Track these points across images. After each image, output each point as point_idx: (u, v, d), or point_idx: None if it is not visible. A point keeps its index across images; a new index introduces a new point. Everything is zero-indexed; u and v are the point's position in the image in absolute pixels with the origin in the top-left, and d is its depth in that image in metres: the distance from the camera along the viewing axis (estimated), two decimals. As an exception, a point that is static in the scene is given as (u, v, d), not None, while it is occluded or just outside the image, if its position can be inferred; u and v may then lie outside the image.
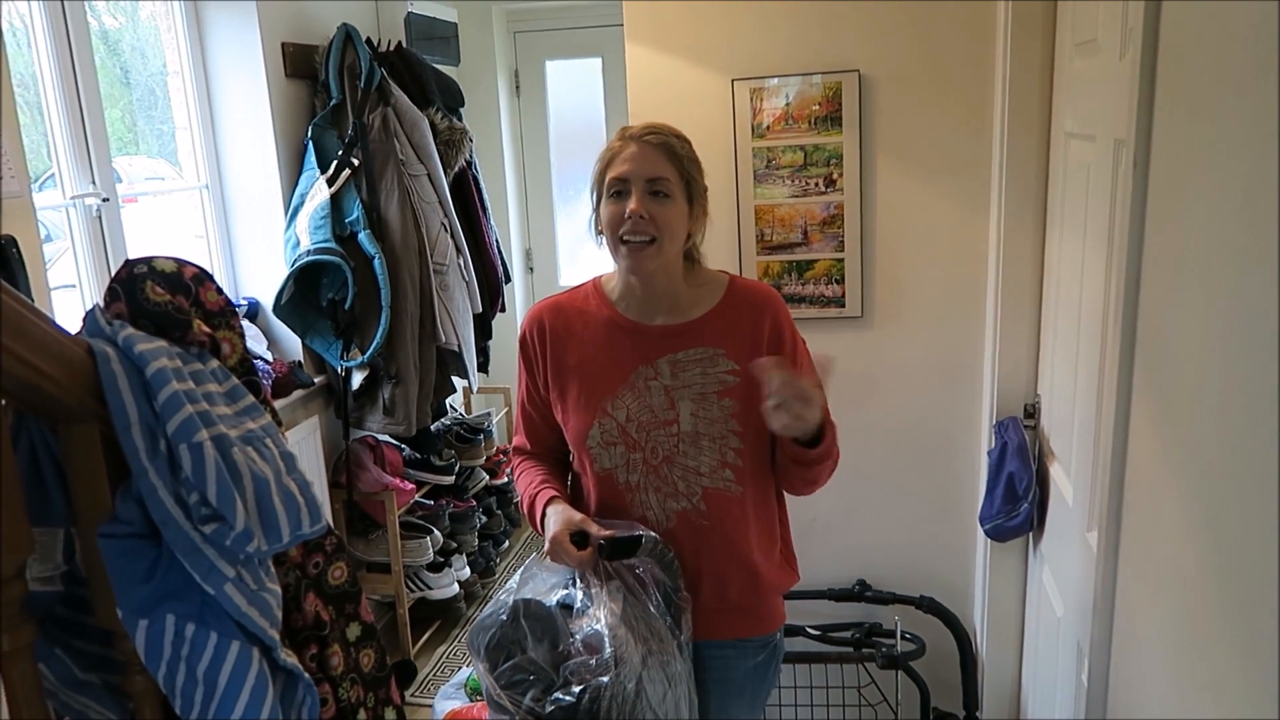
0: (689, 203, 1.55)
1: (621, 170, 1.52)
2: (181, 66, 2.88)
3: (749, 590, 1.63)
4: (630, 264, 1.54)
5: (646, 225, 1.50)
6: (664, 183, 1.51)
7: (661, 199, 1.51)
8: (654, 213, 1.50)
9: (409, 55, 3.21)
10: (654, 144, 1.51)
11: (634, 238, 1.51)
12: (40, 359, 0.91)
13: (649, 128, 1.54)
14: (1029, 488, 2.03)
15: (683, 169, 1.53)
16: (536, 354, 1.67)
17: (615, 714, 1.44)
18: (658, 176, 1.51)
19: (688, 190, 1.54)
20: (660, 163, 1.51)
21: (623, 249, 1.53)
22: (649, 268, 1.54)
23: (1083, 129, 1.77)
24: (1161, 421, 1.21)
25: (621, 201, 1.51)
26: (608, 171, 1.54)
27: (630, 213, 1.49)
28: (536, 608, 1.55)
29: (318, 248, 2.77)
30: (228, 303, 1.14)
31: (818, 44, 2.27)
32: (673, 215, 1.52)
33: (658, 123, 1.57)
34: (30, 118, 2.34)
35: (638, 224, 1.50)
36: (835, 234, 2.34)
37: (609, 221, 1.53)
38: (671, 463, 1.57)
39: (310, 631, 1.20)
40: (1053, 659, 1.92)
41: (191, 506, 0.98)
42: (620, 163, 1.52)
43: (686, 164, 1.54)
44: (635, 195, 1.50)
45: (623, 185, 1.51)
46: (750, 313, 1.58)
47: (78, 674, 1.09)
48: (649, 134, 1.53)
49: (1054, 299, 2.02)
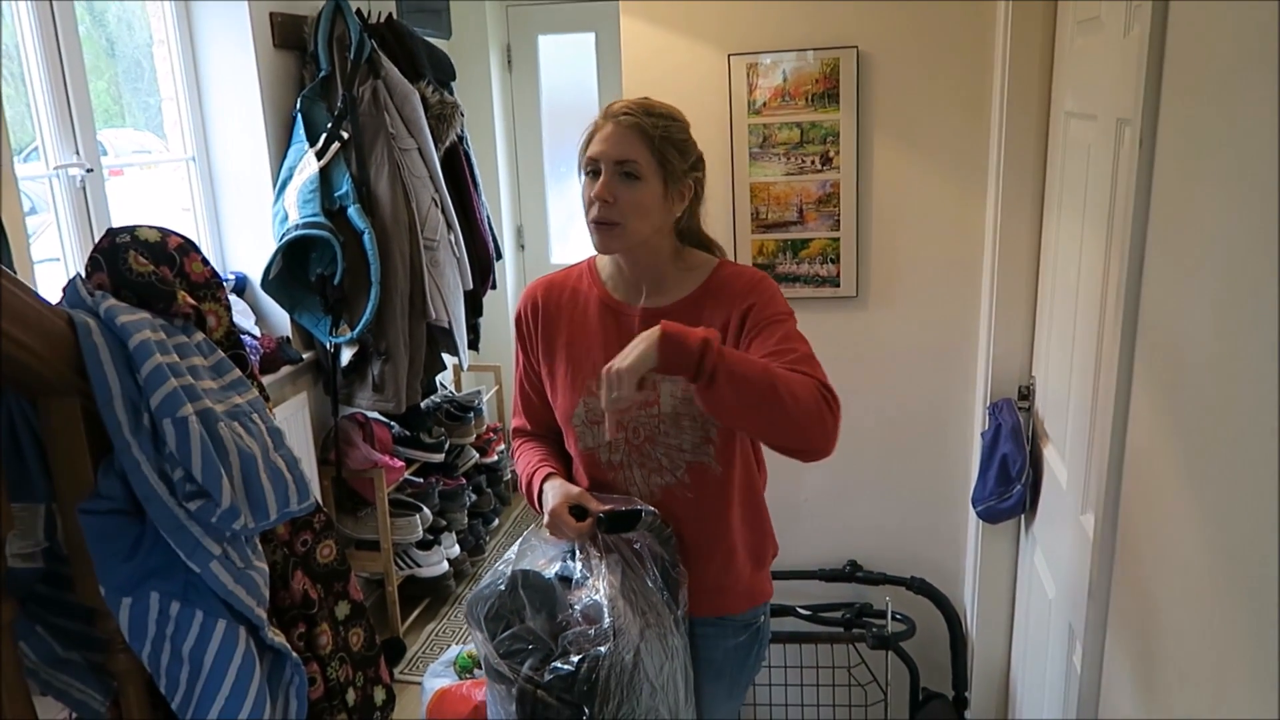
0: (664, 183, 1.51)
1: (595, 150, 1.50)
2: (167, 36, 2.83)
3: (729, 566, 1.62)
4: (597, 243, 1.53)
5: (609, 209, 1.48)
6: (633, 164, 1.48)
7: (630, 180, 1.48)
8: (620, 195, 1.48)
9: (400, 27, 3.16)
10: (626, 125, 1.48)
11: (600, 219, 1.49)
12: (19, 330, 0.89)
13: (627, 106, 1.51)
14: (1022, 470, 2.02)
15: (655, 149, 1.49)
16: (529, 331, 1.66)
17: (614, 683, 1.44)
18: (626, 158, 1.48)
19: (663, 172, 1.50)
20: (631, 144, 1.48)
21: (592, 227, 1.52)
22: (614, 248, 1.53)
23: (1084, 108, 1.75)
24: (1162, 405, 1.20)
25: (594, 182, 1.50)
26: (587, 149, 1.53)
27: (595, 194, 1.48)
28: (535, 579, 1.55)
29: (306, 222, 2.73)
30: (213, 274, 1.11)
31: (815, 19, 2.24)
32: (641, 197, 1.49)
33: (642, 100, 1.53)
34: (14, 88, 2.30)
35: (602, 207, 1.48)
36: (831, 213, 2.32)
37: (584, 200, 1.53)
38: (653, 442, 1.57)
39: (298, 610, 1.18)
40: (1043, 641, 1.92)
41: (176, 483, 0.96)
42: (596, 142, 1.51)
43: (660, 144, 1.49)
44: (603, 177, 1.49)
45: (595, 165, 1.50)
46: (724, 304, 1.54)
47: (59, 652, 1.08)
48: (625, 113, 1.49)
49: (1050, 280, 2.00)
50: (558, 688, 1.44)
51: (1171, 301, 1.17)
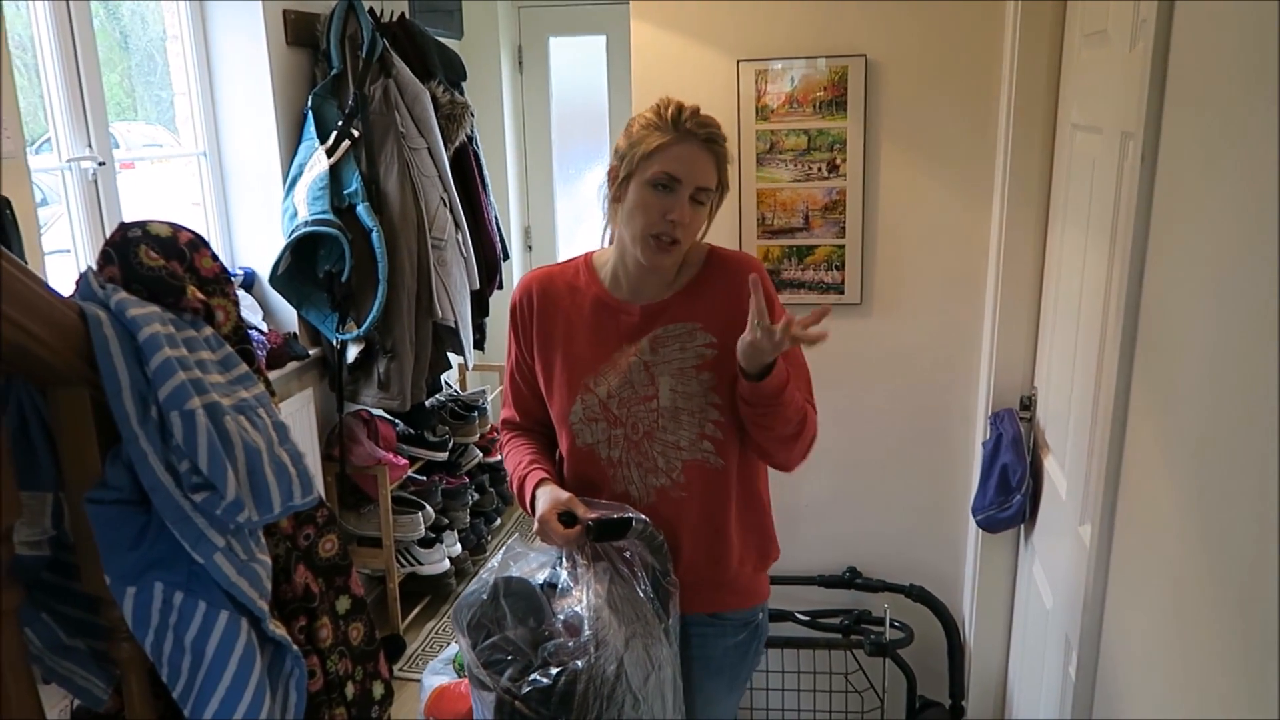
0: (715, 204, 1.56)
1: (675, 169, 1.47)
2: (181, 31, 2.85)
3: (727, 564, 1.63)
4: (655, 260, 1.52)
5: (681, 230, 1.49)
6: (707, 194, 1.51)
7: (698, 206, 1.51)
8: (689, 218, 1.50)
9: (411, 26, 3.18)
10: (711, 151, 1.50)
11: (666, 237, 1.50)
12: (30, 320, 0.90)
13: (709, 131, 1.49)
14: (1022, 480, 2.03)
15: (722, 178, 1.53)
16: (525, 322, 1.67)
17: (592, 696, 1.43)
18: (707, 187, 1.50)
19: (719, 194, 1.55)
20: (711, 173, 1.50)
21: (650, 242, 1.50)
22: (667, 265, 1.55)
23: (1089, 121, 1.76)
24: (1159, 417, 1.21)
25: (663, 197, 1.48)
26: (655, 159, 1.48)
27: (674, 217, 1.48)
28: (518, 586, 1.54)
29: (315, 219, 2.75)
30: (222, 269, 1.13)
31: (825, 27, 2.25)
32: (701, 220, 1.54)
33: (710, 118, 1.52)
34: (28, 80, 2.32)
35: (674, 228, 1.49)
36: (837, 220, 2.33)
37: (643, 210, 1.49)
38: (652, 438, 1.58)
39: (299, 603, 1.19)
40: (1040, 650, 1.92)
41: (182, 474, 0.97)
42: (674, 160, 1.47)
43: (725, 173, 1.53)
44: (683, 201, 1.48)
45: (671, 183, 1.48)
46: (728, 280, 1.57)
47: (63, 639, 1.09)
48: (711, 140, 1.49)
49: (1054, 291, 2.01)
50: (535, 699, 1.44)
51: (1171, 315, 1.18)
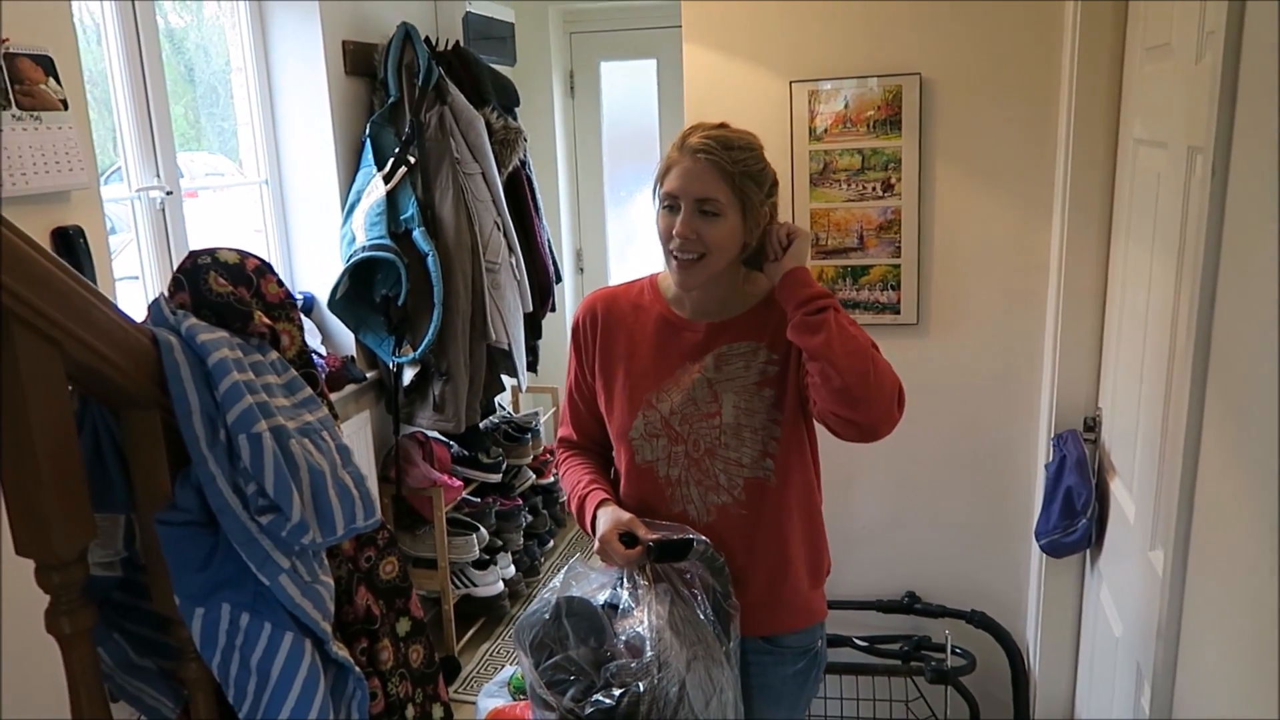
0: (743, 216, 1.52)
1: (673, 186, 1.51)
2: (245, 64, 2.93)
3: (785, 581, 1.62)
4: (679, 279, 1.55)
5: (693, 244, 1.50)
6: (713, 203, 1.49)
7: (710, 218, 1.49)
8: (701, 231, 1.49)
9: (466, 54, 3.23)
10: (704, 162, 1.48)
11: (681, 255, 1.51)
12: (106, 345, 0.93)
13: (705, 142, 1.49)
14: (1088, 503, 1.98)
15: (734, 185, 1.49)
16: (587, 341, 1.68)
17: (655, 718, 1.43)
18: (706, 197, 1.49)
19: (742, 206, 1.51)
20: (710, 182, 1.48)
21: (671, 261, 1.54)
22: (695, 282, 1.55)
23: (1153, 136, 1.72)
24: (1235, 440, 1.17)
25: (671, 216, 1.51)
26: (664, 181, 1.53)
27: (677, 232, 1.50)
28: (580, 606, 1.55)
29: (373, 244, 2.80)
30: (288, 295, 1.15)
31: (878, 46, 2.24)
32: (721, 232, 1.50)
33: (720, 132, 1.52)
34: (99, 113, 2.40)
35: (684, 243, 1.50)
36: (892, 239, 2.30)
37: (661, 232, 1.55)
38: (713, 455, 1.57)
39: (361, 625, 1.20)
40: (1109, 680, 1.87)
41: (249, 496, 0.99)
42: (673, 177, 1.51)
43: (739, 180, 1.49)
44: (683, 214, 1.50)
45: (674, 201, 1.51)
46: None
47: (134, 658, 1.11)
48: (701, 151, 1.48)
49: (1118, 309, 1.96)
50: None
51: (1245, 333, 1.14)
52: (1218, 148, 1.22)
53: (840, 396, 1.43)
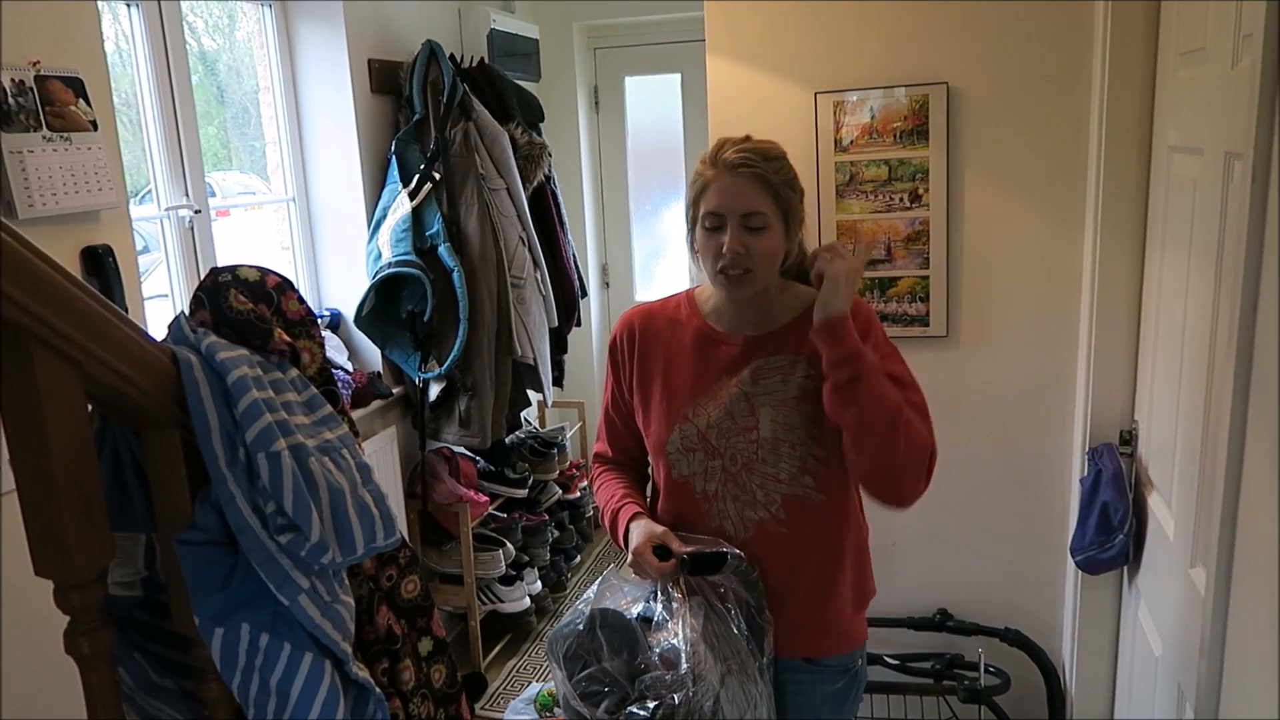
0: (786, 225, 1.51)
1: (715, 204, 1.48)
2: (272, 83, 2.96)
3: (828, 604, 1.58)
4: (730, 294, 1.53)
5: (744, 259, 1.48)
6: (759, 216, 1.47)
7: (757, 231, 1.48)
8: (750, 245, 1.48)
9: (491, 71, 3.24)
10: (746, 176, 1.47)
11: (733, 270, 1.49)
12: (125, 364, 0.92)
13: (742, 155, 1.48)
14: (1125, 519, 1.93)
15: (778, 196, 1.48)
16: (624, 358, 1.67)
17: None
18: (753, 211, 1.47)
19: (784, 215, 1.50)
20: (755, 196, 1.47)
21: (720, 278, 1.52)
22: (747, 295, 1.53)
23: (1188, 142, 1.69)
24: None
25: (717, 235, 1.49)
26: (701, 201, 1.51)
27: (728, 249, 1.47)
28: (614, 618, 1.53)
29: (399, 260, 2.81)
30: (308, 312, 1.14)
31: (903, 57, 2.22)
32: (769, 245, 1.49)
33: (749, 143, 1.51)
34: (131, 134, 2.43)
35: (735, 259, 1.48)
36: (920, 250, 2.27)
37: (706, 252, 1.52)
38: (750, 470, 1.55)
39: (382, 645, 1.19)
40: (1149, 701, 1.82)
41: (268, 515, 0.98)
42: (713, 195, 1.49)
43: (781, 190, 1.49)
44: (731, 231, 1.47)
45: (718, 220, 1.49)
46: None
47: (154, 678, 1.10)
48: (742, 165, 1.47)
49: (1154, 320, 1.92)
50: None
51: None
52: (1258, 153, 1.19)
53: (867, 476, 1.50)
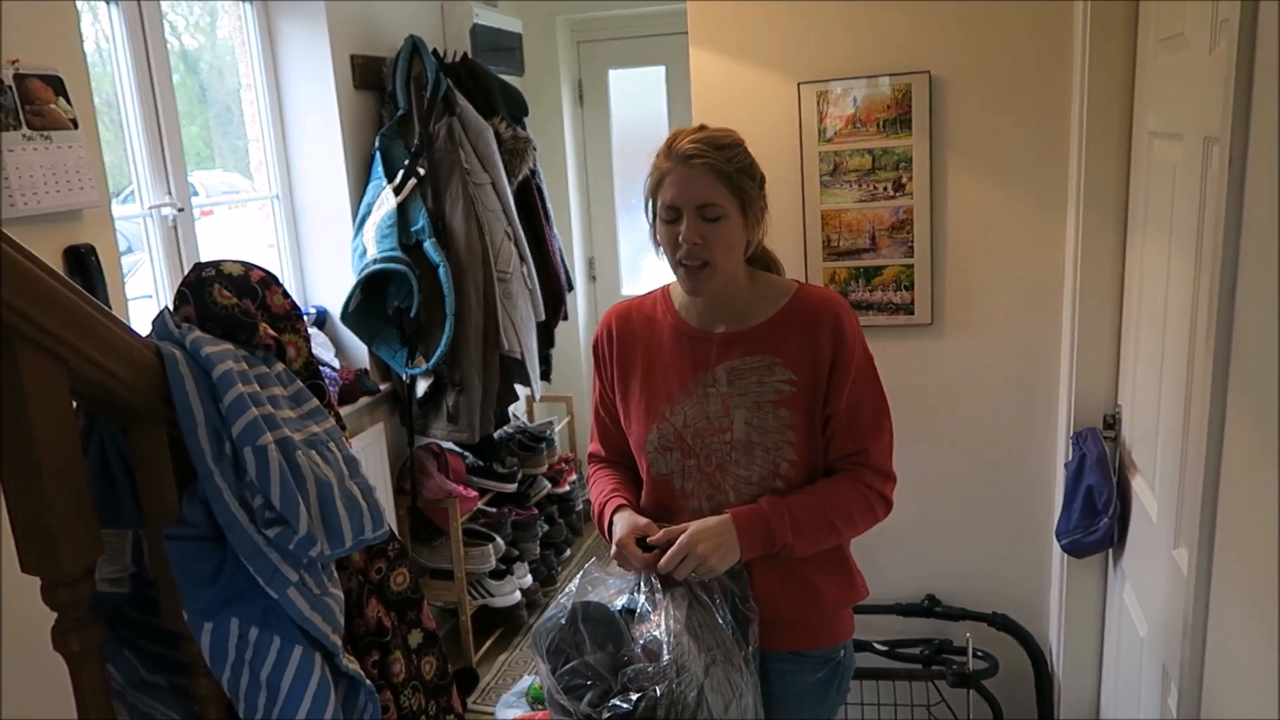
0: (744, 214, 1.51)
1: (671, 196, 1.49)
2: (254, 79, 2.95)
3: (803, 603, 1.59)
4: (689, 286, 1.54)
5: (700, 250, 1.49)
6: (715, 207, 1.48)
7: (714, 222, 1.48)
8: (707, 235, 1.48)
9: (474, 66, 3.23)
10: (700, 167, 1.47)
11: (690, 262, 1.50)
12: (110, 360, 0.92)
13: (695, 146, 1.48)
14: (1109, 502, 1.95)
15: (733, 185, 1.48)
16: (605, 358, 1.68)
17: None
18: (708, 202, 1.48)
19: (741, 204, 1.50)
20: (709, 186, 1.47)
21: (680, 270, 1.53)
22: (708, 288, 1.53)
23: (1168, 127, 1.70)
24: (1259, 433, 1.15)
25: (675, 227, 1.50)
26: (658, 194, 1.52)
27: (684, 240, 1.48)
28: (596, 611, 1.54)
29: (384, 256, 2.80)
30: (293, 306, 1.14)
31: (887, 45, 2.22)
32: (727, 234, 1.49)
33: (704, 134, 1.51)
34: (113, 135, 2.41)
35: (692, 250, 1.49)
36: (904, 239, 2.28)
37: (665, 244, 1.53)
38: (724, 470, 1.56)
39: (372, 638, 1.19)
40: (1135, 681, 1.83)
41: (255, 510, 0.98)
42: (669, 187, 1.50)
43: (736, 178, 1.49)
44: (687, 221, 1.48)
45: (674, 212, 1.50)
46: (809, 321, 1.54)
47: (144, 675, 1.11)
48: (696, 155, 1.48)
49: (1136, 304, 1.94)
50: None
51: (1267, 324, 1.12)
52: (1234, 137, 1.20)
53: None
